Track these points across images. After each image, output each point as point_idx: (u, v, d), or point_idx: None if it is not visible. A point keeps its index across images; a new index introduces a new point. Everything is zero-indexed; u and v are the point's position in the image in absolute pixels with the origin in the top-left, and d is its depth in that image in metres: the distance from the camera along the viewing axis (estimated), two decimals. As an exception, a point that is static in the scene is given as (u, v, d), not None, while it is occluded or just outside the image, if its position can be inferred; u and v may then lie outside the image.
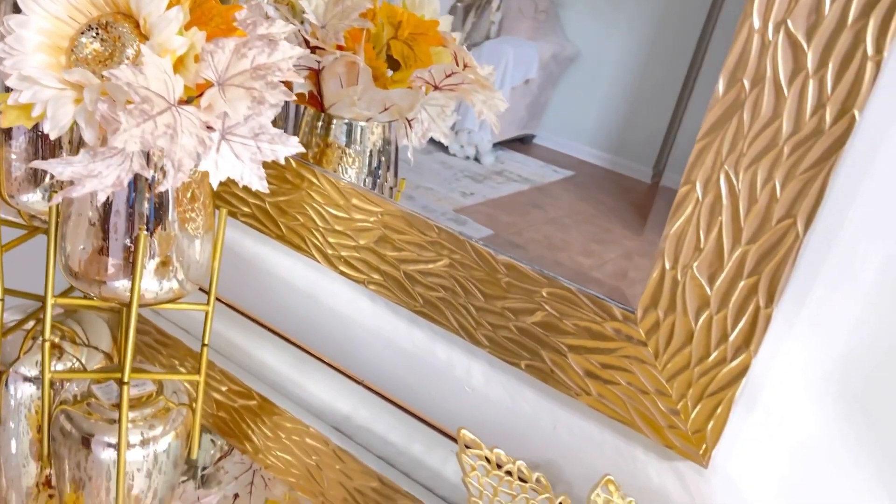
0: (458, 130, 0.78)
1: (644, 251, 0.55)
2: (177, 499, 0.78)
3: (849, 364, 0.47)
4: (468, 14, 0.75)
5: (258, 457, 0.75)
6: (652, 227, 0.54)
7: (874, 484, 0.47)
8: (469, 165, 0.76)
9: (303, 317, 0.72)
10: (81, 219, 0.57)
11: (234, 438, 0.77)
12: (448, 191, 0.76)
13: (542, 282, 0.55)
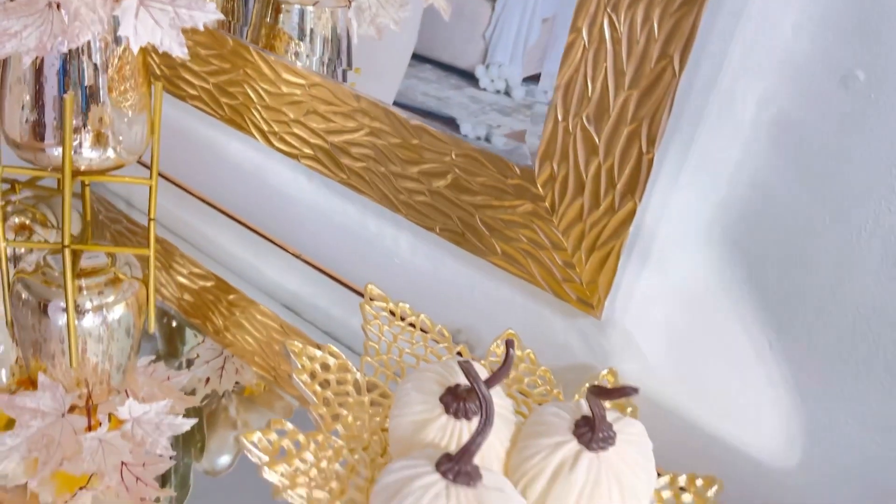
0: (489, 64, 0.79)
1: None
2: (147, 377, 0.83)
3: (730, 209, 0.47)
4: None
5: (219, 337, 0.79)
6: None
7: (755, 325, 0.48)
8: (499, 99, 0.76)
9: (252, 198, 0.74)
10: (12, 91, 0.60)
11: (198, 320, 0.81)
12: (475, 124, 0.77)
13: (449, 144, 0.56)
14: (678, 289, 0.50)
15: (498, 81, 0.75)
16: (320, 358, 0.49)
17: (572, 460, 0.41)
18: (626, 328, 0.53)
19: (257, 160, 0.72)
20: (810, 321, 0.46)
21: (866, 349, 0.44)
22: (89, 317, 0.68)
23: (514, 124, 0.74)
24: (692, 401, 0.51)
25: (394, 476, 0.38)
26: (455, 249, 0.59)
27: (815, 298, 0.45)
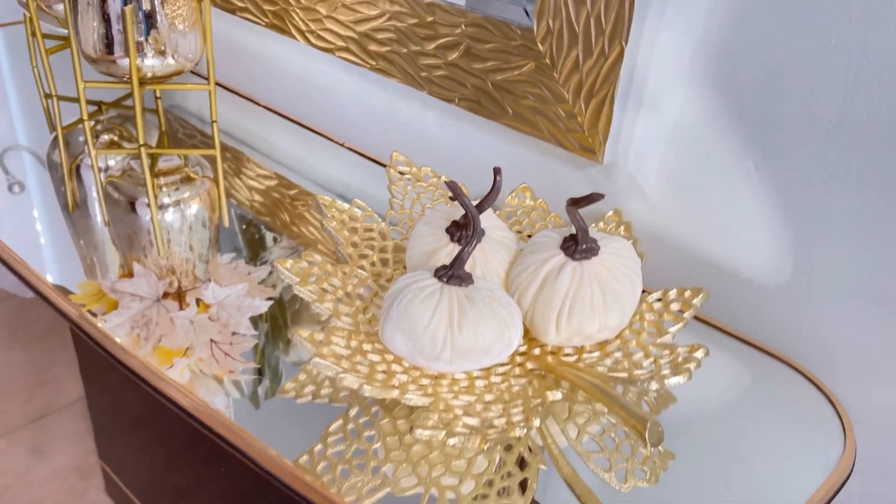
0: None
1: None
2: (230, 271, 0.93)
3: (710, 45, 0.50)
4: None
5: (287, 230, 0.88)
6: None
7: (741, 151, 0.51)
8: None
9: (299, 98, 0.82)
10: (87, 13, 0.69)
11: (269, 217, 0.90)
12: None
13: (459, 16, 0.61)
14: (671, 128, 0.54)
15: None
16: (349, 210, 0.56)
17: (558, 269, 0.46)
18: (629, 171, 0.57)
19: (301, 61, 0.79)
20: (788, 141, 0.49)
21: (839, 161, 0.47)
22: (170, 211, 0.78)
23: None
24: (691, 230, 0.55)
25: (399, 284, 0.44)
26: (473, 118, 0.65)
27: (791, 118, 0.48)
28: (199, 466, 1.00)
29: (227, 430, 0.45)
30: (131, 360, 0.53)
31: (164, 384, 0.50)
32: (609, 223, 0.57)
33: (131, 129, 0.90)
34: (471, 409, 0.42)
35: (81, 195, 0.87)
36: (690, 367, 0.44)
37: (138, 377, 0.52)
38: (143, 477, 1.13)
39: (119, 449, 1.14)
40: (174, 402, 0.49)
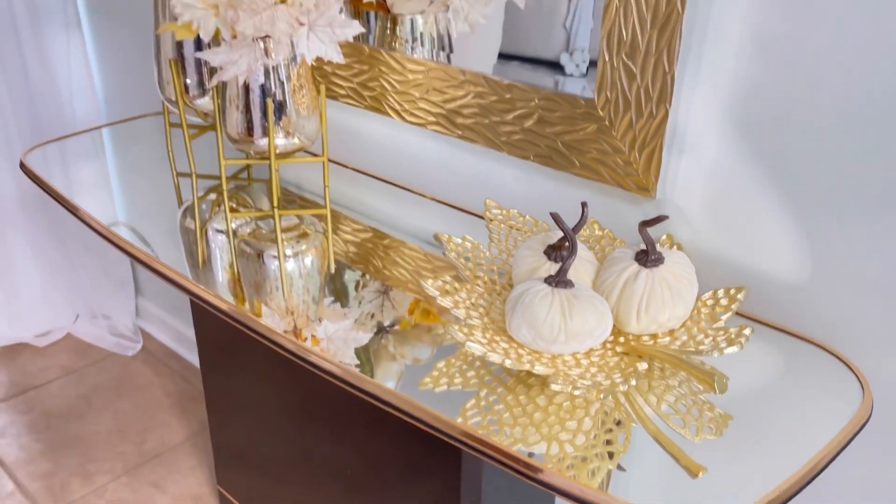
0: (573, 51, 0.96)
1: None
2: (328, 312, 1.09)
3: (734, 103, 0.67)
4: None
5: (379, 274, 1.04)
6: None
7: (767, 182, 0.67)
8: (585, 83, 0.82)
9: (391, 162, 0.99)
10: (232, 104, 0.87)
11: (362, 265, 1.07)
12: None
13: (533, 92, 0.78)
14: (709, 168, 0.70)
15: (582, 66, 0.89)
16: (461, 243, 0.72)
17: (634, 276, 0.62)
18: (676, 203, 0.73)
19: (394, 134, 0.97)
20: (803, 171, 0.65)
21: (849, 188, 0.63)
22: (290, 262, 0.94)
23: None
24: (728, 246, 0.71)
25: (518, 290, 0.60)
26: (546, 170, 0.81)
27: (805, 153, 0.64)
28: (309, 486, 1.13)
29: (393, 395, 0.61)
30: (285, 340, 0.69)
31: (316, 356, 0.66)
32: (664, 245, 0.73)
33: (245, 197, 1.08)
34: (583, 376, 0.57)
35: (207, 253, 1.04)
36: (741, 341, 0.59)
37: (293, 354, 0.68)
38: (259, 496, 1.27)
39: (237, 474, 1.28)
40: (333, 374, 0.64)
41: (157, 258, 0.93)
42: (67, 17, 1.35)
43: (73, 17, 1.36)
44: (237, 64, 0.79)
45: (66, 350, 1.61)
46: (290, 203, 1.14)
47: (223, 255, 1.04)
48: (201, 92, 0.97)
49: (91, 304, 1.63)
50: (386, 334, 0.86)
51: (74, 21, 1.36)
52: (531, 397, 0.59)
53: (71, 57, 1.37)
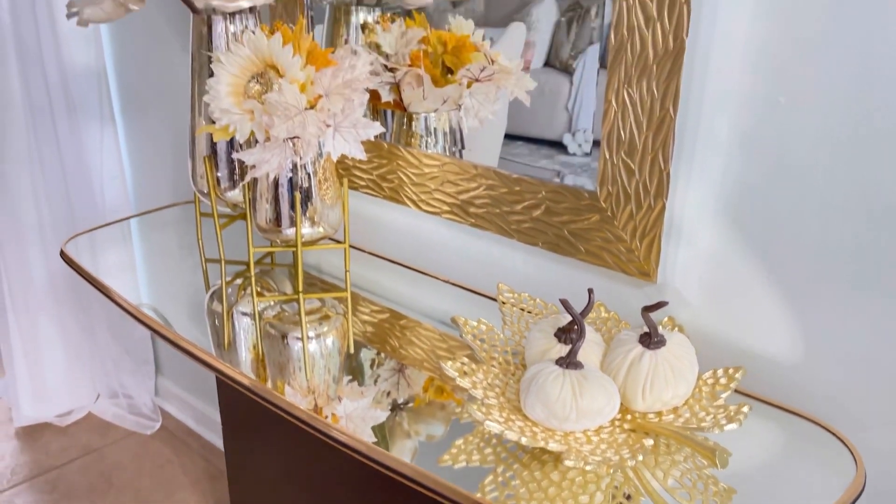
0: (575, 131, 1.03)
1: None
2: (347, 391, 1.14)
3: (725, 197, 0.73)
4: (571, 26, 0.93)
5: (395, 354, 1.09)
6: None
7: (760, 268, 0.73)
8: (588, 161, 0.88)
9: (408, 248, 1.05)
10: (262, 197, 0.94)
11: (379, 344, 1.12)
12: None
13: (540, 186, 0.85)
14: (705, 255, 0.76)
15: (585, 146, 0.90)
16: (476, 325, 0.77)
17: (639, 357, 0.67)
18: (676, 288, 0.79)
19: (411, 221, 1.04)
20: (795, 259, 0.70)
21: (836, 273, 0.68)
22: (312, 342, 1.00)
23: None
24: (725, 327, 0.76)
25: (532, 371, 0.65)
26: (554, 255, 0.87)
27: (793, 242, 0.70)
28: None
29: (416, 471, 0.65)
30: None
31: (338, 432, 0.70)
32: (666, 327, 0.78)
33: (269, 281, 1.14)
34: (594, 452, 0.61)
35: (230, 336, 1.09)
36: (741, 418, 0.63)
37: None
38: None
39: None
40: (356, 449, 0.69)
41: (184, 337, 0.99)
42: (102, 111, 1.44)
43: (107, 111, 1.46)
44: (269, 162, 0.87)
45: (87, 429, 1.64)
46: (312, 286, 1.20)
47: (248, 336, 1.09)
48: (231, 184, 1.05)
49: (112, 384, 1.68)
50: (402, 412, 0.91)
51: (109, 114, 1.46)
52: (546, 473, 0.63)
53: (104, 148, 1.46)
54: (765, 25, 0.67)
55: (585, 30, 0.88)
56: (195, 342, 0.94)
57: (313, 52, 0.86)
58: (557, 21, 0.92)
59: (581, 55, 0.89)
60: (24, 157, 1.43)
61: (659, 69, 0.72)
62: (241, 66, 0.86)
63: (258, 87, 0.87)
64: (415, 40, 1.03)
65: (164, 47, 1.36)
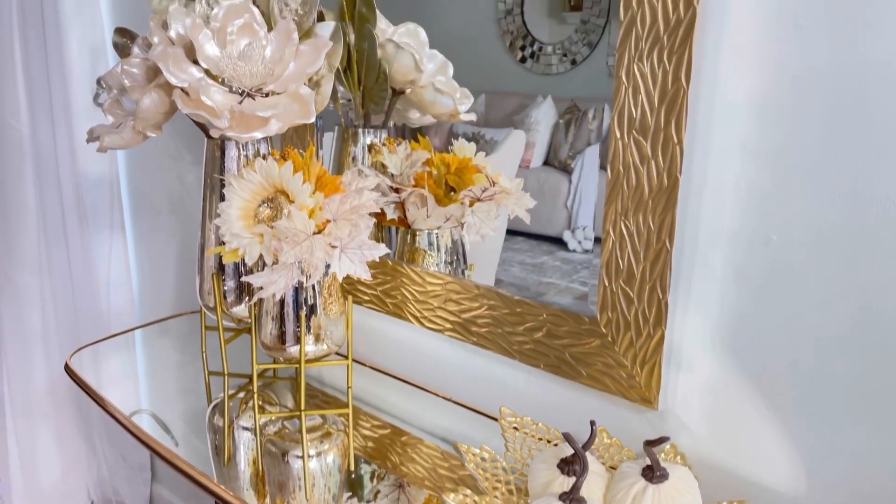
0: (574, 228, 1.05)
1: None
2: (348, 508, 1.12)
3: (721, 327, 0.75)
4: (569, 127, 0.97)
5: (396, 470, 1.08)
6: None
7: (759, 397, 0.73)
8: (588, 258, 0.91)
9: (410, 363, 1.06)
10: (268, 315, 0.96)
11: (380, 460, 1.11)
12: (568, 283, 0.94)
13: (541, 309, 0.87)
14: (704, 383, 0.77)
15: (585, 242, 0.93)
16: (479, 453, 0.77)
17: (642, 491, 0.67)
18: (678, 415, 0.79)
19: (413, 337, 1.05)
20: (792, 389, 0.71)
21: (834, 404, 0.69)
22: (313, 460, 0.99)
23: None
24: (727, 456, 0.76)
25: (534, 506, 0.65)
26: (555, 378, 0.88)
27: (789, 373, 0.71)
28: None
29: None
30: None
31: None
32: (668, 454, 0.78)
33: (270, 394, 1.15)
34: None
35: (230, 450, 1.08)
36: (745, 557, 0.63)
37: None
38: None
39: None
40: None
41: (181, 458, 0.98)
42: (113, 219, 1.48)
43: (117, 219, 1.49)
44: (276, 283, 0.89)
45: (78, 537, 1.60)
46: (313, 398, 1.20)
47: (249, 452, 1.08)
48: (237, 300, 1.07)
49: (106, 491, 1.65)
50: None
51: (119, 222, 1.49)
52: None
53: (112, 255, 1.49)
54: (754, 167, 0.70)
55: (583, 131, 0.93)
56: (193, 464, 0.94)
57: (322, 179, 0.90)
58: (556, 123, 0.96)
59: (579, 155, 0.93)
60: (34, 264, 1.46)
61: (654, 204, 0.75)
62: (252, 191, 0.90)
63: (268, 211, 0.90)
64: (419, 162, 1.07)
65: (176, 162, 1.41)
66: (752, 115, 0.69)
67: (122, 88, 0.98)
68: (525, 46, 0.96)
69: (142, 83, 0.91)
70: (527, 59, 0.97)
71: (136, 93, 0.90)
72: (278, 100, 0.91)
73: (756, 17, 0.67)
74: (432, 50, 1.06)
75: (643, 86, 0.73)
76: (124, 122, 0.91)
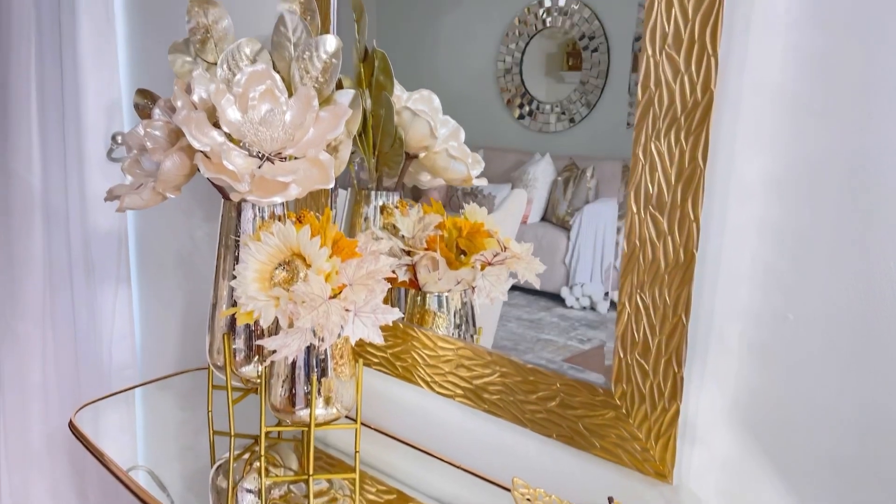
0: (572, 285, 1.05)
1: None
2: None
3: (737, 402, 0.75)
4: (568, 185, 0.98)
5: (401, 537, 1.06)
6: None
7: (773, 473, 0.73)
8: (585, 315, 0.92)
9: (419, 428, 1.05)
10: (278, 376, 0.95)
11: (384, 526, 1.09)
12: (566, 340, 0.93)
13: (554, 378, 0.87)
14: (719, 458, 0.77)
15: (583, 299, 0.93)
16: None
17: (660, 571, 0.66)
18: (692, 490, 0.79)
19: (423, 402, 1.04)
20: (810, 471, 0.71)
21: (851, 493, 0.69)
22: (320, 527, 0.97)
23: (602, 336, 0.88)
24: (744, 535, 0.76)
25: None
26: (568, 448, 0.88)
27: (806, 450, 0.71)
28: None
29: None
30: None
31: None
32: (683, 530, 0.78)
33: (275, 456, 1.13)
34: None
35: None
36: None
37: None
38: None
39: None
40: None
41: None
42: (119, 272, 1.48)
43: (124, 272, 1.49)
44: (289, 346, 0.89)
45: None
46: (318, 459, 1.19)
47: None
48: (246, 360, 1.06)
49: (97, 548, 1.61)
50: None
51: (125, 276, 1.50)
52: None
53: (116, 309, 1.48)
54: (770, 245, 0.71)
55: (582, 189, 0.93)
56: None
57: (339, 243, 0.91)
58: (554, 180, 0.97)
59: (578, 213, 0.94)
60: (37, 316, 1.45)
61: (671, 278, 0.76)
62: (269, 254, 0.90)
63: (284, 273, 0.91)
64: (432, 225, 1.08)
65: (187, 218, 1.42)
66: (768, 194, 0.71)
67: (141, 148, 0.99)
68: (523, 104, 0.98)
69: (164, 145, 0.93)
70: (525, 117, 0.98)
71: (158, 154, 0.92)
72: (298, 164, 0.92)
73: (770, 102, 0.70)
74: (445, 116, 1.08)
75: (660, 163, 0.75)
76: (144, 183, 0.92)
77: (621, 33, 0.85)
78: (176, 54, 1.05)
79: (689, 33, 0.71)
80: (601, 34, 0.89)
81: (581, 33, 0.91)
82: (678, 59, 0.72)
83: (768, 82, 0.69)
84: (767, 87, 0.70)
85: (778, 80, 0.69)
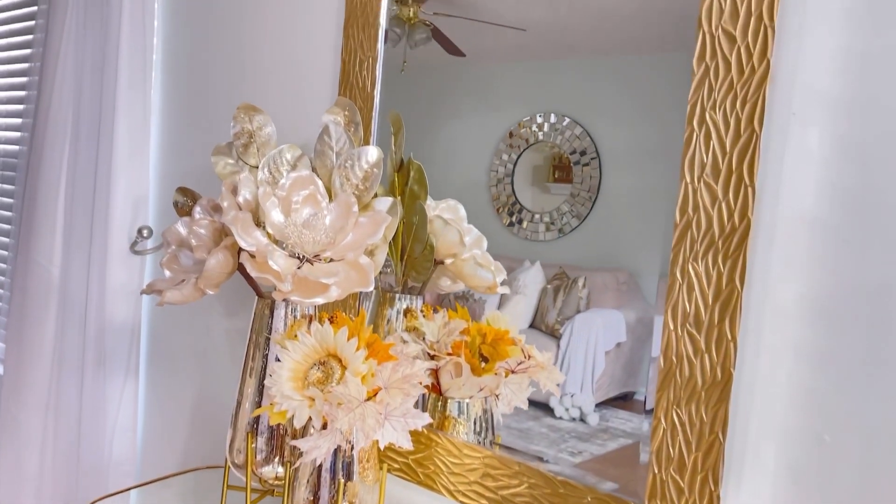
0: (562, 395, 1.02)
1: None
2: None
3: None
4: (558, 293, 0.99)
5: None
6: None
7: None
8: (575, 426, 0.92)
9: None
10: (302, 479, 0.94)
11: None
12: (557, 452, 0.94)
13: (585, 491, 0.87)
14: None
15: (572, 410, 0.93)
16: None
17: None
18: None
19: (443, 511, 1.03)
20: None
21: None
22: None
23: (593, 449, 0.89)
24: None
25: None
26: (597, 565, 0.87)
27: None
28: None
29: None
30: None
31: None
32: None
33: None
34: None
35: None
36: None
37: None
38: None
39: None
40: None
41: None
42: (129, 364, 1.47)
43: (133, 364, 1.49)
44: (320, 448, 0.89)
45: None
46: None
47: None
48: (265, 458, 1.05)
49: None
50: None
51: (134, 368, 1.49)
52: None
53: (122, 401, 1.47)
54: (806, 367, 0.74)
55: (572, 298, 0.96)
56: None
57: (374, 345, 0.92)
58: (543, 287, 1.00)
59: (568, 322, 0.95)
60: (41, 406, 1.43)
61: (708, 396, 0.78)
62: (304, 354, 0.91)
63: (319, 374, 0.91)
64: (457, 331, 1.10)
65: (207, 313, 1.43)
66: (803, 317, 0.74)
67: (180, 244, 1.02)
68: (513, 213, 1.02)
69: (208, 244, 0.95)
70: (514, 225, 1.02)
71: (202, 252, 0.94)
72: (338, 267, 0.95)
73: (804, 230, 0.74)
74: (469, 224, 1.13)
75: (697, 284, 0.78)
76: (186, 279, 0.94)
77: (613, 150, 0.91)
78: (219, 156, 1.10)
79: (726, 164, 0.76)
80: (593, 150, 0.94)
81: (573, 148, 0.96)
82: (716, 187, 0.77)
83: (802, 211, 0.74)
84: (801, 216, 0.74)
85: (811, 210, 0.74)
